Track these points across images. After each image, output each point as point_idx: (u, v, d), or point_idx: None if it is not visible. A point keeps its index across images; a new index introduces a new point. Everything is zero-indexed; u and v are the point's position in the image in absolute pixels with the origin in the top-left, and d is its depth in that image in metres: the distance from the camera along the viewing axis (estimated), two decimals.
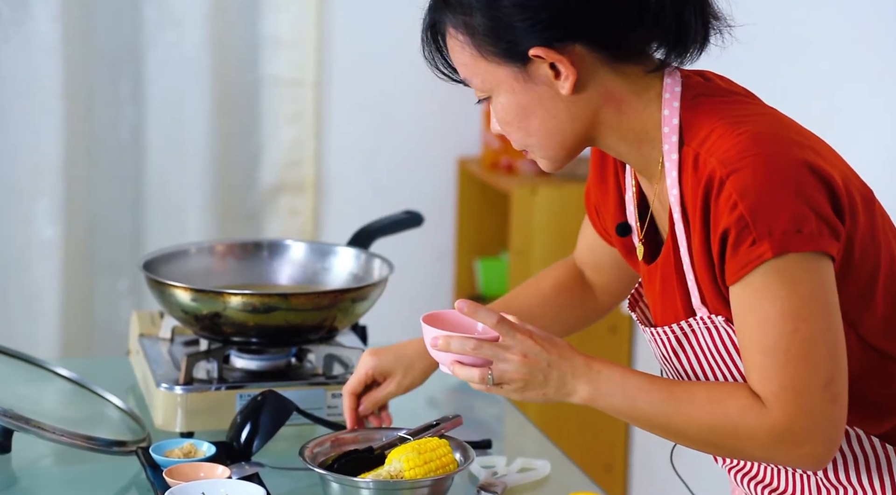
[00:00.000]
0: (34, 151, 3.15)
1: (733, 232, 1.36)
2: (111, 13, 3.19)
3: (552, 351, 1.43)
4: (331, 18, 3.34)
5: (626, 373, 1.43)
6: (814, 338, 1.36)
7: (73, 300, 3.24)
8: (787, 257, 1.35)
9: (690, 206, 1.42)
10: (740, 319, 1.39)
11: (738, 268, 1.37)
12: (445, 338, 1.46)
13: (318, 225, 3.43)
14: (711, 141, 1.40)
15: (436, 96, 3.42)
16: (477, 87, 1.47)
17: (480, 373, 1.43)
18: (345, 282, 2.05)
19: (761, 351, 1.37)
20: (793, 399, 1.37)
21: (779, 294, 1.36)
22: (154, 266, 1.97)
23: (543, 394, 1.44)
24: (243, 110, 3.33)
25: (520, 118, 1.45)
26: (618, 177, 1.58)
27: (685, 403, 1.41)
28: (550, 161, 1.49)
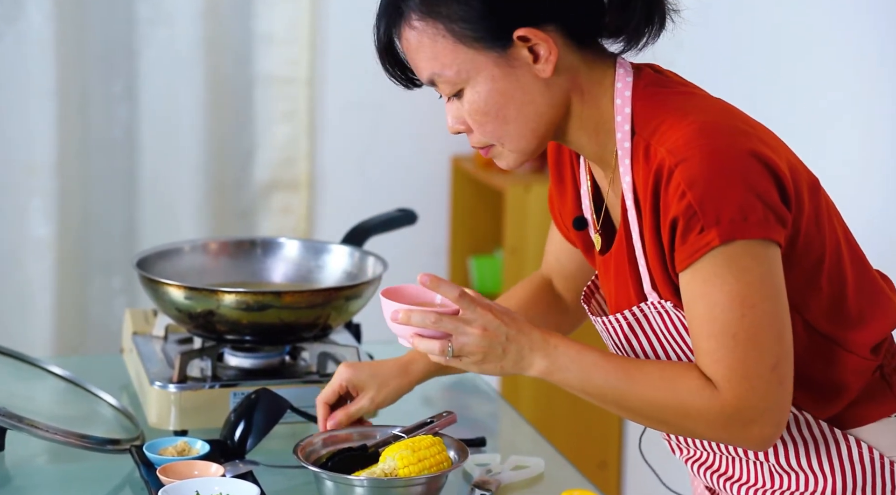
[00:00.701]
0: (27, 149, 3.15)
1: (682, 220, 1.39)
2: (104, 11, 3.18)
3: (511, 325, 1.46)
4: (324, 16, 3.33)
5: (582, 350, 1.46)
6: (761, 322, 1.39)
7: (67, 298, 3.23)
8: (734, 244, 1.38)
9: (642, 194, 1.44)
10: (690, 306, 1.42)
11: (687, 255, 1.40)
12: (406, 311, 1.47)
13: (311, 223, 3.43)
14: (661, 131, 1.42)
15: (429, 94, 3.41)
16: (449, 80, 1.46)
17: (441, 345, 1.45)
18: (339, 280, 2.04)
19: (710, 335, 1.40)
20: (741, 381, 1.40)
21: (727, 280, 1.39)
22: (147, 264, 1.97)
23: (501, 367, 1.46)
24: (237, 108, 3.32)
25: (498, 106, 1.45)
26: (574, 172, 1.61)
27: (638, 381, 1.44)
28: (520, 153, 1.49)
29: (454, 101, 1.48)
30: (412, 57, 1.49)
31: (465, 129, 1.50)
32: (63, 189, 3.18)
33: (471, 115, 1.47)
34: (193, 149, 3.26)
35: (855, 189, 2.27)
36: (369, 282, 1.93)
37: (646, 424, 1.48)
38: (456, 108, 1.49)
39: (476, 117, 1.47)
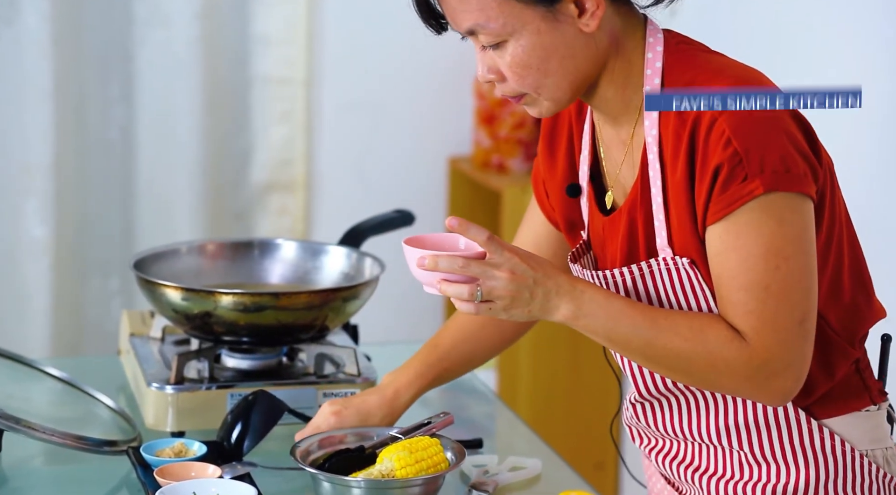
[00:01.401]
0: (24, 150, 3.14)
1: (726, 167, 1.40)
2: (101, 12, 3.18)
3: (538, 269, 1.45)
4: (321, 17, 3.33)
5: (609, 296, 1.46)
6: (794, 276, 1.41)
7: (64, 299, 3.23)
8: (774, 195, 1.40)
9: (672, 146, 1.45)
10: (720, 257, 1.43)
11: (726, 204, 1.41)
12: (433, 257, 1.46)
13: (308, 224, 3.43)
14: (698, 83, 1.44)
15: (427, 95, 3.42)
16: (493, 31, 1.46)
17: (470, 289, 1.44)
18: (336, 282, 2.04)
19: (742, 287, 1.42)
20: (771, 333, 1.42)
21: (763, 232, 1.40)
22: (144, 265, 1.97)
23: (529, 311, 1.46)
24: (233, 109, 3.32)
25: (541, 59, 1.46)
26: (570, 140, 1.62)
27: (666, 330, 1.44)
28: (555, 103, 1.50)
29: (489, 51, 1.48)
30: (452, 6, 1.48)
31: (495, 79, 1.50)
32: (59, 190, 3.17)
33: (511, 67, 1.47)
34: (190, 150, 3.26)
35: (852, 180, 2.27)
36: (366, 284, 1.93)
37: (669, 375, 1.48)
38: (490, 58, 1.49)
39: (517, 69, 1.47)
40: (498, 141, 3.32)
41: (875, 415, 1.54)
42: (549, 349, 3.24)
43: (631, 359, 1.49)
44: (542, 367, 3.24)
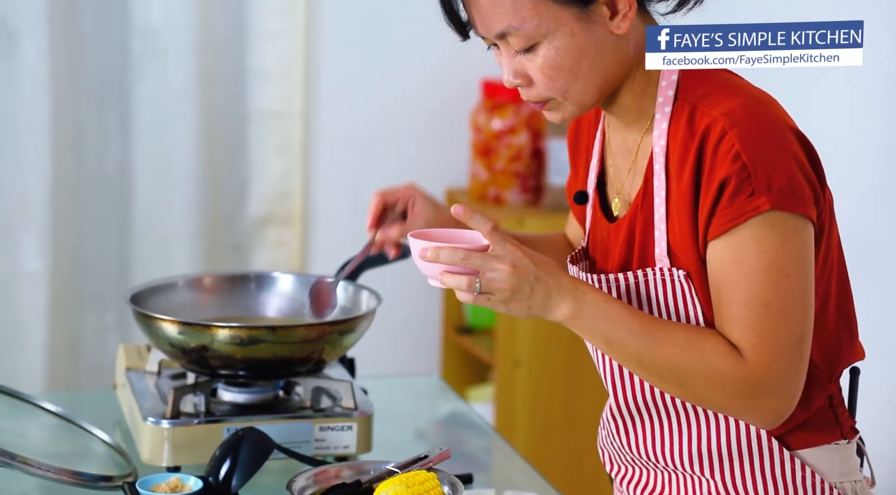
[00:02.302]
0: (20, 184, 3.15)
1: (734, 181, 1.41)
2: (99, 46, 3.19)
3: (540, 266, 1.45)
4: (318, 51, 3.34)
5: (610, 300, 1.46)
6: (794, 295, 1.42)
7: (60, 333, 3.22)
8: (779, 214, 1.41)
9: (678, 157, 1.46)
10: (722, 272, 1.43)
11: (731, 218, 1.41)
12: (434, 248, 1.46)
13: (305, 256, 3.43)
14: (711, 98, 1.45)
15: (423, 128, 3.43)
16: (526, 34, 1.46)
17: (468, 280, 1.44)
18: (333, 315, 2.04)
19: (742, 302, 1.42)
20: (768, 350, 1.42)
21: (766, 248, 1.41)
22: (141, 299, 1.96)
23: (528, 307, 1.45)
24: (230, 142, 3.33)
25: (573, 61, 1.46)
26: (587, 146, 1.64)
27: (663, 340, 1.44)
28: (580, 107, 1.50)
29: (518, 56, 1.48)
30: (483, 9, 1.48)
31: (522, 83, 1.50)
32: (56, 223, 3.17)
33: (542, 70, 1.48)
34: (187, 183, 3.26)
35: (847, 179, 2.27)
36: (363, 317, 1.93)
37: (661, 385, 1.47)
38: (518, 63, 1.49)
39: (548, 72, 1.47)
40: (494, 173, 3.32)
41: (845, 449, 1.54)
42: (547, 382, 3.23)
43: (625, 367, 1.49)
44: (539, 401, 3.23)
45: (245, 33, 3.28)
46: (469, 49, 3.40)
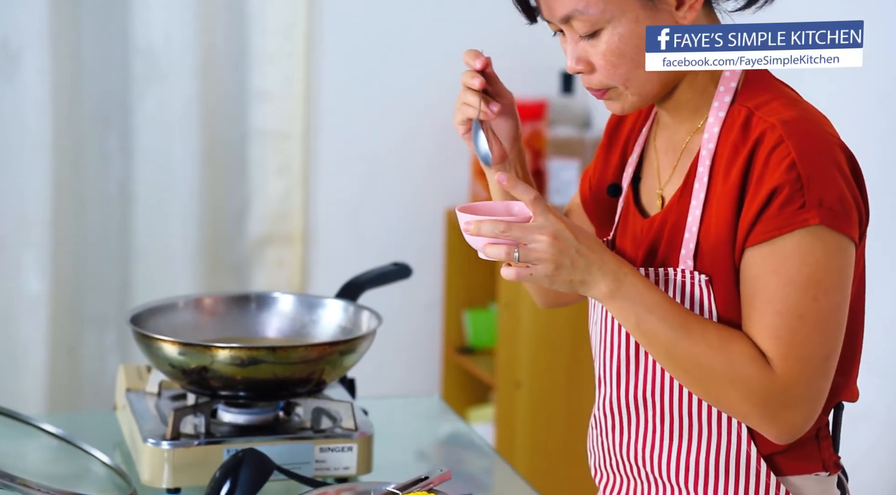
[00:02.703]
0: (21, 204, 3.15)
1: (786, 190, 1.40)
2: (100, 67, 3.20)
3: (582, 240, 1.44)
4: (318, 71, 3.35)
5: (650, 286, 1.45)
6: (829, 310, 1.41)
7: (60, 354, 3.22)
8: (825, 230, 1.40)
9: (726, 160, 1.45)
10: (760, 279, 1.42)
11: (776, 226, 1.41)
12: (477, 222, 1.44)
13: (306, 276, 3.42)
14: (771, 106, 1.45)
15: (423, 148, 3.44)
16: (591, 18, 1.45)
17: (507, 249, 1.43)
18: (333, 335, 2.04)
19: (777, 312, 1.41)
20: (796, 362, 1.41)
21: (808, 260, 1.40)
22: (141, 320, 1.96)
23: (570, 281, 1.44)
24: (231, 162, 3.33)
25: (636, 49, 1.45)
26: (627, 142, 1.63)
27: (695, 335, 1.43)
28: (640, 98, 1.50)
29: (581, 41, 1.48)
30: None
31: (584, 70, 1.49)
32: (57, 244, 3.17)
33: (605, 56, 1.47)
34: (188, 203, 3.26)
35: None
36: (364, 337, 1.92)
37: (682, 379, 1.46)
38: (581, 49, 1.48)
39: (611, 58, 1.47)
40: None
41: (826, 481, 1.53)
42: (547, 403, 3.23)
43: (651, 354, 1.47)
44: (540, 422, 3.22)
45: (246, 54, 3.28)
46: None
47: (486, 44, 3.37)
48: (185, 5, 3.18)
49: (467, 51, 1.57)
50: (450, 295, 3.48)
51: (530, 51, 3.43)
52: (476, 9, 3.41)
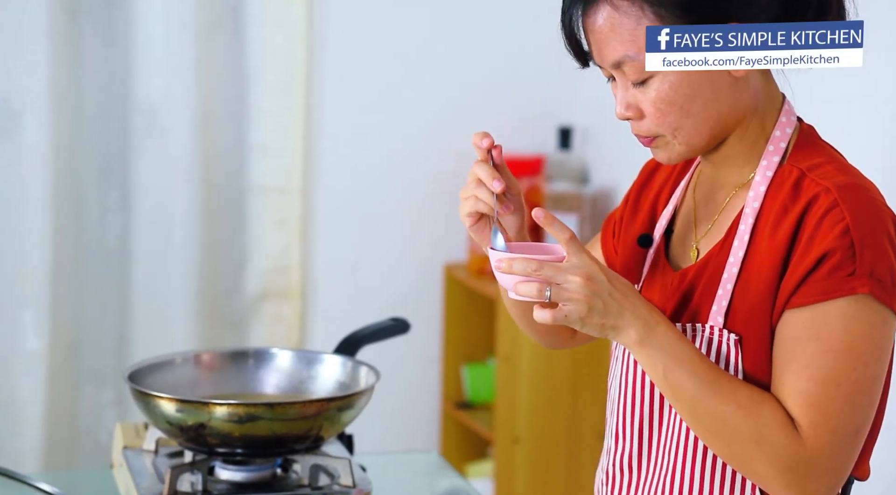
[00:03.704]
0: (20, 260, 3.15)
1: (838, 255, 1.38)
2: (100, 123, 3.21)
3: (615, 283, 1.42)
4: (318, 126, 3.37)
5: (681, 338, 1.43)
6: (866, 383, 1.39)
7: (57, 411, 3.21)
8: (872, 301, 1.38)
9: (773, 219, 1.44)
10: (799, 342, 1.39)
11: (823, 291, 1.39)
12: (508, 259, 1.42)
13: (304, 331, 3.42)
14: (825, 169, 1.44)
15: (422, 202, 3.44)
16: (642, 64, 1.43)
17: (539, 287, 1.40)
18: (331, 391, 2.03)
19: (813, 378, 1.38)
20: (827, 433, 1.38)
21: (851, 329, 1.38)
22: (139, 376, 1.96)
23: (602, 325, 1.41)
24: (230, 217, 3.34)
25: (686, 98, 1.44)
26: (660, 192, 1.62)
27: (724, 393, 1.40)
28: (688, 148, 1.48)
29: (631, 88, 1.47)
30: (603, 37, 1.46)
31: (633, 116, 1.48)
32: (55, 300, 3.17)
33: (654, 103, 1.46)
34: (186, 258, 3.26)
35: None
36: (362, 393, 1.92)
37: (706, 437, 1.43)
38: (632, 95, 1.47)
39: (660, 106, 1.45)
40: None
41: None
42: (546, 459, 3.21)
43: (676, 408, 1.44)
44: (539, 477, 3.21)
45: (245, 109, 3.30)
46: (466, 124, 3.43)
47: (485, 100, 3.42)
48: (185, 61, 3.20)
49: (477, 133, 1.54)
50: (448, 349, 3.48)
51: (528, 106, 3.45)
52: (474, 66, 3.43)
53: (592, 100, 3.39)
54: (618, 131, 3.31)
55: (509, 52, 3.43)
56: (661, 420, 1.52)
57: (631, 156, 3.24)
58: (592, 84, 3.41)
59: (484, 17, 3.41)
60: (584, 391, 3.23)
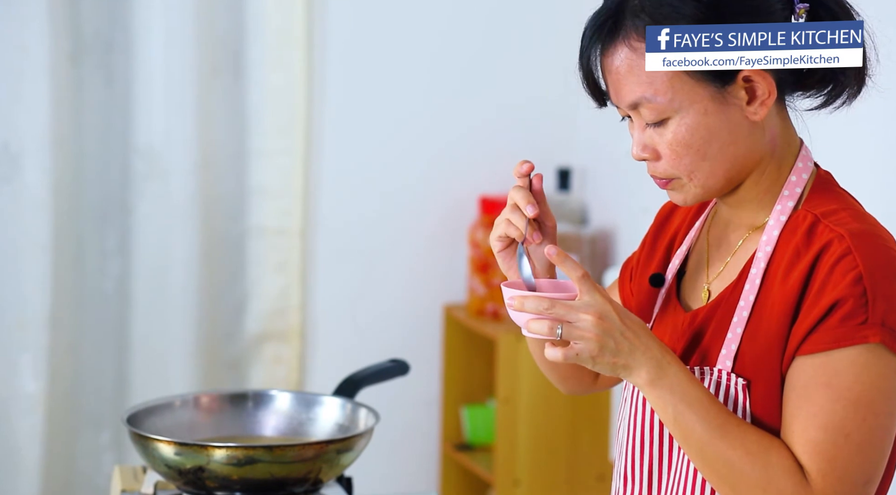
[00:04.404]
0: (19, 305, 3.14)
1: (850, 304, 1.37)
2: (100, 167, 3.22)
3: (627, 322, 1.41)
4: (317, 167, 3.37)
5: (693, 380, 1.42)
6: (876, 433, 1.37)
7: (55, 455, 3.19)
8: (884, 351, 1.37)
9: (785, 264, 1.42)
10: (808, 390, 1.38)
11: (834, 339, 1.38)
12: (520, 298, 1.41)
13: (303, 373, 3.41)
14: (839, 216, 1.43)
15: (421, 244, 3.45)
16: (658, 107, 1.43)
17: (551, 325, 1.39)
18: (330, 433, 2.03)
19: (822, 427, 1.37)
20: (836, 482, 1.37)
21: (862, 378, 1.37)
22: (137, 419, 1.95)
23: (614, 364, 1.40)
24: (229, 260, 3.34)
25: (703, 141, 1.44)
26: (676, 234, 1.61)
27: (732, 438, 1.39)
28: (704, 191, 1.47)
29: (647, 129, 1.46)
30: (620, 77, 1.45)
31: (649, 157, 1.47)
32: (53, 343, 3.16)
33: (670, 145, 1.45)
34: (185, 301, 3.26)
35: None
36: (361, 435, 1.91)
37: (712, 480, 1.42)
38: (648, 136, 1.46)
39: (676, 148, 1.44)
40: (492, 289, 3.33)
41: None
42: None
43: (684, 450, 1.43)
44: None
45: (245, 152, 3.31)
46: (466, 166, 3.44)
47: (484, 141, 3.43)
48: (186, 105, 3.21)
49: (521, 161, 1.54)
50: (448, 391, 3.47)
51: (527, 147, 3.46)
52: (473, 109, 3.44)
53: (591, 141, 3.40)
54: (617, 173, 3.33)
55: (508, 94, 3.45)
56: (669, 462, 1.51)
57: (630, 198, 3.26)
58: (591, 125, 3.44)
59: (483, 60, 3.43)
60: (584, 433, 3.22)
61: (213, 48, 3.24)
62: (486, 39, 3.43)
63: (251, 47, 3.27)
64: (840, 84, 1.48)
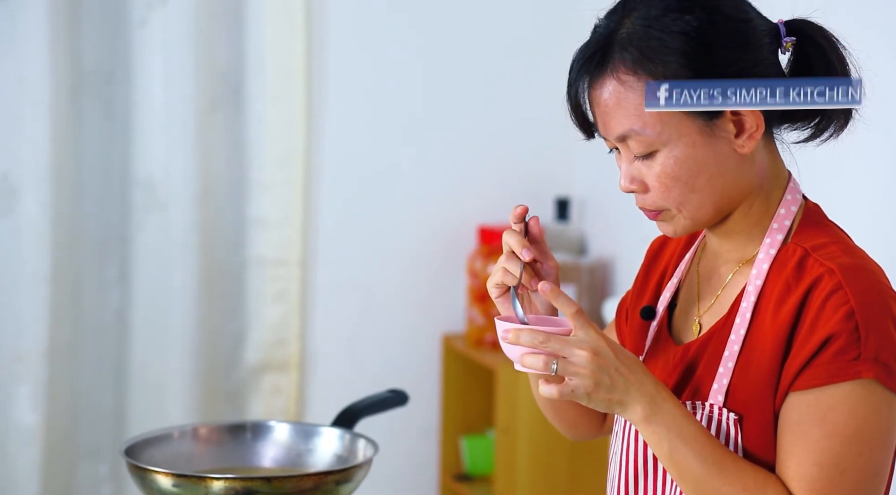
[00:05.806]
0: (17, 336, 3.14)
1: (842, 339, 1.37)
2: (100, 199, 3.22)
3: (622, 358, 1.41)
4: (316, 198, 3.38)
5: (687, 416, 1.42)
6: (872, 468, 1.37)
7: (53, 487, 3.18)
8: (877, 386, 1.37)
9: (775, 299, 1.42)
10: (802, 426, 1.38)
11: (829, 374, 1.37)
12: (515, 330, 1.41)
13: (302, 404, 3.41)
14: (829, 249, 1.43)
15: (420, 274, 3.45)
16: (646, 139, 1.44)
17: (545, 360, 1.39)
18: (329, 464, 2.02)
19: (817, 463, 1.37)
20: None
21: (857, 414, 1.37)
22: (136, 451, 1.95)
23: (609, 400, 1.40)
24: (229, 290, 3.34)
25: (691, 173, 1.44)
26: (666, 267, 1.61)
27: (728, 474, 1.39)
28: (693, 222, 1.47)
29: (635, 161, 1.46)
30: (608, 110, 1.45)
31: (637, 190, 1.48)
32: (52, 375, 3.16)
33: (659, 178, 1.45)
34: (184, 332, 3.26)
35: None
36: (360, 466, 1.91)
37: None
38: (636, 169, 1.47)
39: (664, 181, 1.45)
40: (491, 319, 3.33)
41: None
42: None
43: (679, 485, 1.43)
44: None
45: (244, 183, 3.32)
46: (465, 196, 3.45)
47: (483, 171, 3.44)
48: (185, 136, 3.22)
49: (516, 206, 1.54)
50: (447, 421, 3.47)
51: (526, 177, 3.47)
52: (472, 138, 3.46)
53: (590, 171, 3.41)
54: (616, 202, 3.34)
55: (507, 123, 3.46)
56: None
57: (629, 228, 3.27)
58: (590, 155, 3.45)
59: (481, 88, 3.44)
60: (582, 462, 3.21)
61: (213, 81, 3.25)
62: (484, 71, 3.44)
63: (251, 80, 3.28)
64: (827, 117, 1.49)
